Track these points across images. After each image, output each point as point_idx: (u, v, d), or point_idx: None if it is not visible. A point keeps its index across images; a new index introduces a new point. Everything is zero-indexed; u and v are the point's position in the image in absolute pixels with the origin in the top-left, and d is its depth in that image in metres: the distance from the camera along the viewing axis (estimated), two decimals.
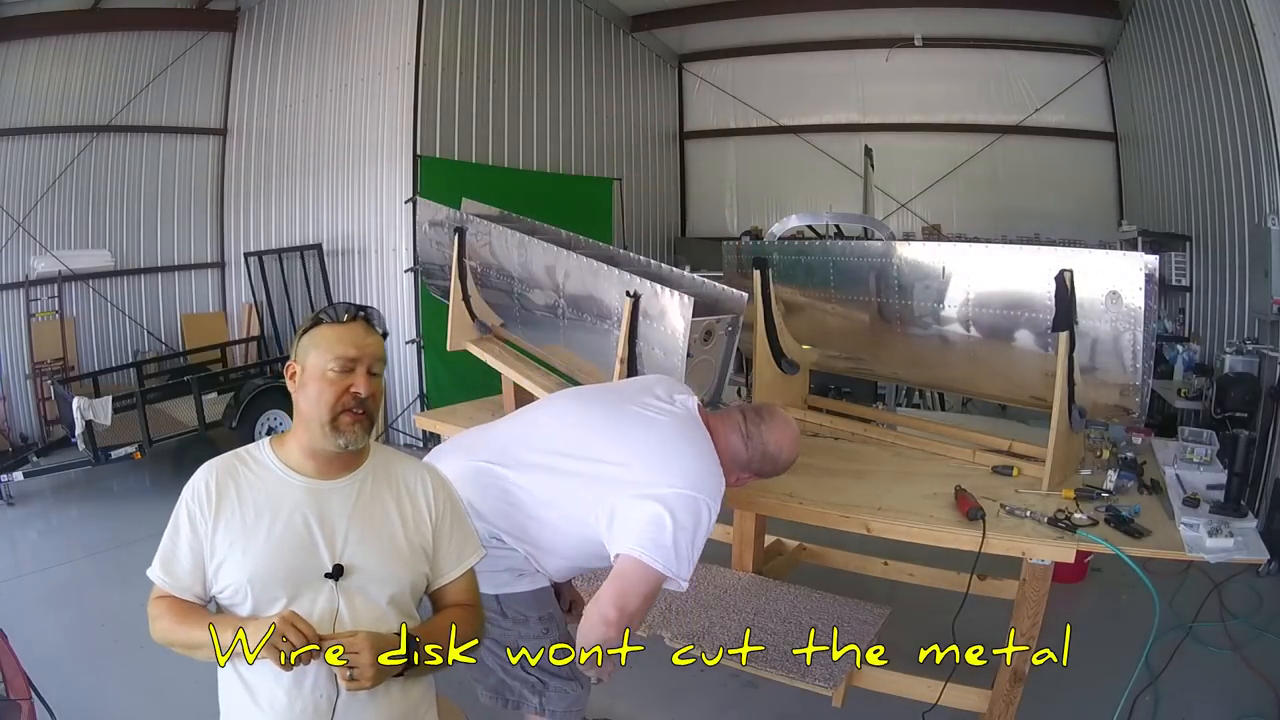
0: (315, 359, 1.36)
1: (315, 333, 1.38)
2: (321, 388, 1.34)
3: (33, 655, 2.33)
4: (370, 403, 1.37)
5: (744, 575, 3.17)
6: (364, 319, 1.40)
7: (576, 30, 8.25)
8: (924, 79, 9.02)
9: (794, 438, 2.03)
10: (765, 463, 2.00)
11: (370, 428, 1.38)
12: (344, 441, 1.34)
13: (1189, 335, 5.76)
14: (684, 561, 1.72)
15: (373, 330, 1.41)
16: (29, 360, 6.46)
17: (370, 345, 1.38)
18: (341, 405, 1.33)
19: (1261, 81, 4.37)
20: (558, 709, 1.96)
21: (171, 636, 1.31)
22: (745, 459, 1.98)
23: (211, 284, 7.88)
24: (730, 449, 1.96)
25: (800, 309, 3.25)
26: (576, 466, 1.84)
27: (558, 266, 3.08)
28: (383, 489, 1.42)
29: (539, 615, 1.94)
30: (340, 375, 1.34)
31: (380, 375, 1.40)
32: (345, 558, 1.33)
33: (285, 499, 1.35)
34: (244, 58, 7.67)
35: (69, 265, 6.67)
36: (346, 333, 1.37)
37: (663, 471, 1.77)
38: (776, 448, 1.99)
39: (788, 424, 2.03)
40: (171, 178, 7.51)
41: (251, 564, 1.30)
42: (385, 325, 1.45)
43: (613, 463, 1.81)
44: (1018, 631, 2.19)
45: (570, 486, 1.83)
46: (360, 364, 1.35)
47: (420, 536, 1.42)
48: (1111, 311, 2.22)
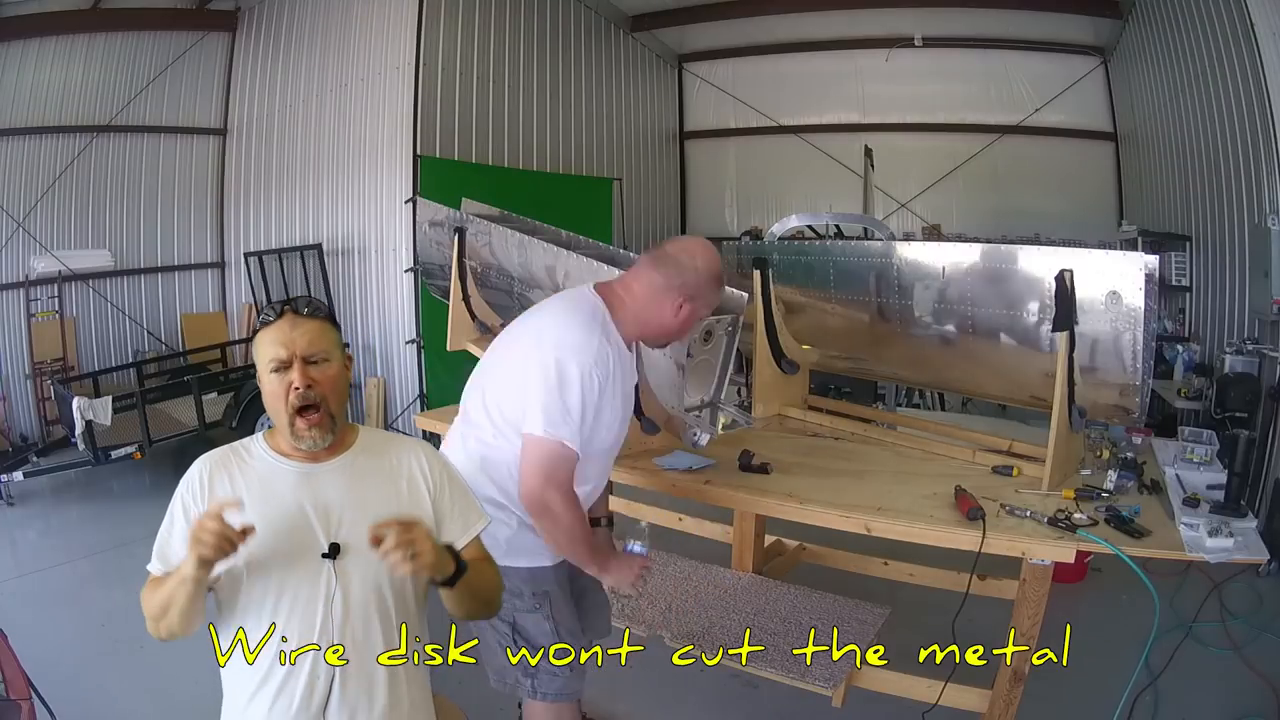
0: (259, 363, 1.35)
1: (256, 339, 1.37)
2: (268, 390, 1.34)
3: (33, 655, 2.33)
4: (316, 392, 1.32)
5: (744, 575, 3.17)
6: (290, 311, 1.35)
7: (576, 30, 8.25)
8: (924, 79, 9.02)
9: (704, 246, 1.98)
10: (683, 274, 1.92)
11: (331, 424, 1.34)
12: (305, 445, 1.34)
13: (1189, 335, 5.76)
14: (558, 421, 1.78)
15: (303, 319, 1.34)
16: (29, 360, 6.46)
17: (300, 336, 1.33)
18: (290, 407, 1.32)
19: (1261, 81, 4.37)
20: (549, 692, 1.99)
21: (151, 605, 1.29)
22: (661, 282, 1.92)
23: (211, 284, 7.88)
24: (640, 289, 1.95)
25: (800, 309, 3.25)
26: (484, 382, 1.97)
27: (558, 266, 3.09)
28: (376, 467, 1.40)
29: (533, 591, 1.96)
30: (278, 375, 1.32)
31: (328, 359, 1.35)
32: (340, 536, 1.33)
33: (278, 483, 1.35)
34: (244, 58, 7.66)
35: (69, 265, 6.67)
36: (274, 331, 1.34)
37: (527, 347, 1.88)
38: (688, 257, 1.93)
39: (692, 239, 2.04)
40: (171, 178, 7.50)
41: (247, 548, 1.28)
42: (324, 309, 1.39)
43: (497, 357, 1.96)
44: (1018, 631, 2.19)
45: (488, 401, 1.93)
46: (293, 359, 1.32)
47: (420, 512, 1.39)
48: (1111, 311, 2.22)
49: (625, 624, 2.84)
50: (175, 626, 1.27)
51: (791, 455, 2.75)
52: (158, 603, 1.27)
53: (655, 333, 2.01)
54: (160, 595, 1.27)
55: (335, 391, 1.36)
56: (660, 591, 3.02)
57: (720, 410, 2.85)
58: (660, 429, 2.71)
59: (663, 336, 2.03)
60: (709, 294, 1.99)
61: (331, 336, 1.38)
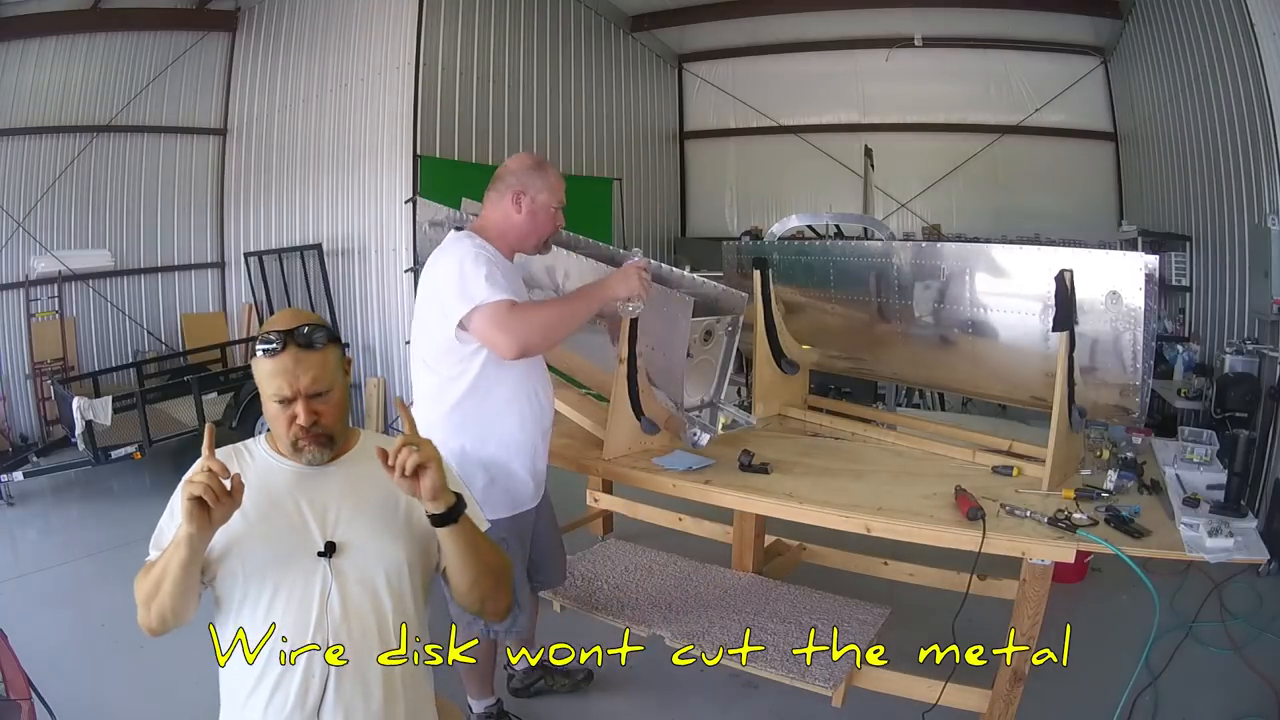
0: (261, 389, 1.36)
1: (255, 363, 1.35)
2: (270, 415, 1.36)
3: (33, 655, 2.33)
4: (322, 423, 1.35)
5: (744, 575, 3.17)
6: (293, 345, 1.32)
7: (576, 30, 8.24)
8: (924, 79, 9.02)
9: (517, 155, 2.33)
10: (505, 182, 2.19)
11: (330, 442, 1.38)
12: (306, 459, 1.37)
13: (1189, 335, 5.75)
14: (485, 289, 1.99)
15: (305, 354, 1.33)
16: (29, 360, 6.45)
17: (304, 374, 1.32)
18: (293, 434, 1.35)
19: (1261, 81, 4.36)
20: (499, 629, 2.18)
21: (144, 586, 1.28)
22: (494, 198, 2.20)
23: (211, 284, 7.87)
24: (487, 217, 2.22)
25: (800, 309, 3.25)
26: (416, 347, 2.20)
27: (558, 266, 3.09)
28: (374, 468, 1.39)
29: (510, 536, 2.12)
30: (281, 407, 1.34)
31: (329, 391, 1.36)
32: (337, 536, 1.34)
33: (276, 483, 1.37)
34: (244, 58, 7.65)
35: (69, 265, 6.66)
36: (276, 366, 1.32)
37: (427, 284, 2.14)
38: (502, 169, 2.23)
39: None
40: (171, 178, 7.49)
41: (242, 544, 1.30)
42: (325, 335, 1.36)
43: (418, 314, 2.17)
44: (1018, 631, 2.19)
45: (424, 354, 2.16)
46: (298, 397, 1.33)
47: (417, 511, 1.39)
48: (1111, 311, 2.22)
49: (625, 624, 2.84)
50: (167, 608, 1.26)
51: (791, 455, 2.75)
52: (150, 581, 1.27)
53: (517, 234, 2.21)
54: (153, 573, 1.27)
55: (338, 417, 1.39)
56: (660, 591, 3.02)
57: (720, 410, 2.85)
58: (660, 429, 2.72)
59: (530, 236, 2.23)
60: (533, 178, 2.20)
61: (334, 364, 1.37)
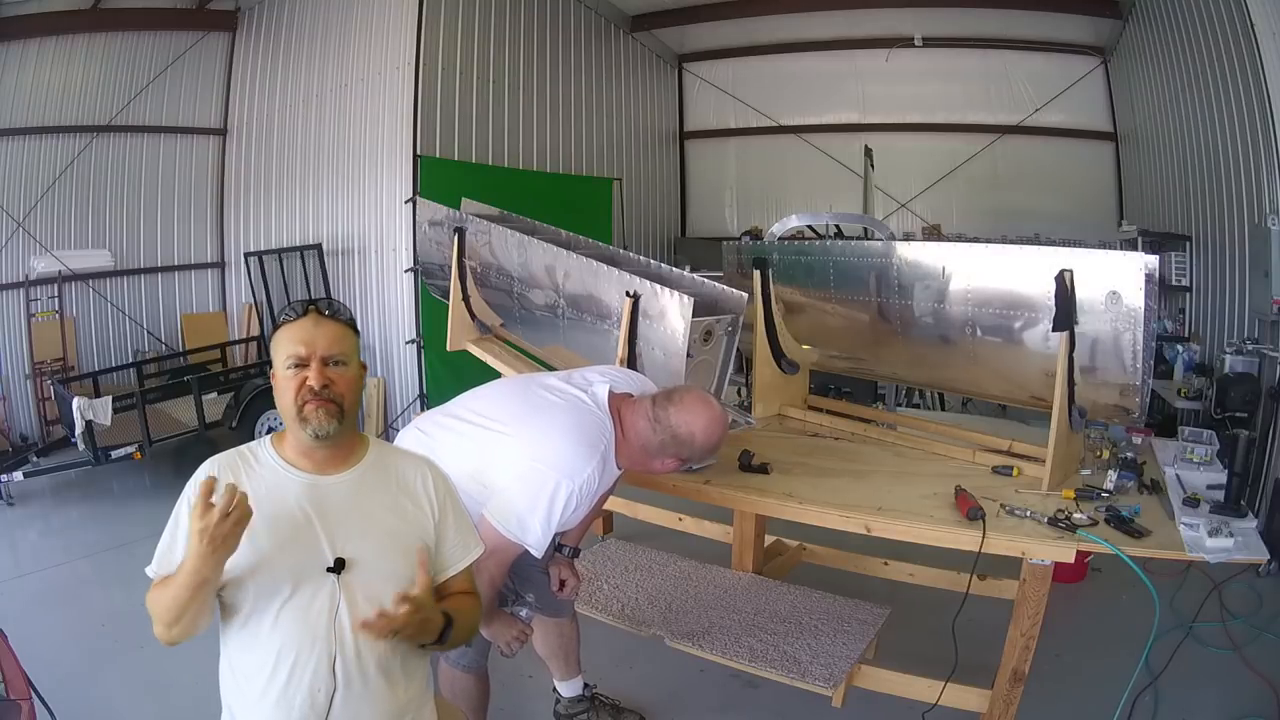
0: (276, 359, 1.37)
1: (275, 335, 1.39)
2: (282, 386, 1.35)
3: (33, 655, 2.32)
4: (333, 390, 1.34)
5: (744, 575, 3.17)
6: (314, 311, 1.37)
7: (576, 30, 8.24)
8: (924, 79, 9.02)
9: (709, 421, 2.00)
10: (679, 446, 2.01)
11: (340, 414, 1.35)
12: (311, 430, 1.34)
13: (1189, 335, 5.75)
14: (530, 530, 1.84)
15: (326, 319, 1.37)
16: (29, 360, 6.45)
17: (321, 337, 1.35)
18: (301, 398, 1.33)
19: (1261, 81, 4.36)
20: (452, 657, 2.14)
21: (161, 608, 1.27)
22: (657, 443, 2.01)
23: (211, 284, 7.87)
24: (639, 435, 2.03)
25: (800, 309, 3.25)
26: (470, 422, 2.04)
27: (558, 266, 3.09)
28: (382, 483, 1.41)
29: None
30: (295, 371, 1.34)
31: (346, 363, 1.36)
32: (347, 552, 1.33)
33: (286, 494, 1.35)
34: (244, 58, 7.65)
35: (69, 265, 6.66)
36: (296, 329, 1.35)
37: (531, 445, 1.92)
38: (687, 431, 1.99)
39: (701, 407, 2.01)
40: (171, 178, 7.49)
41: (252, 557, 1.29)
42: (347, 312, 1.41)
43: (499, 427, 1.98)
44: (1018, 631, 2.19)
45: (459, 436, 2.01)
46: (312, 357, 1.34)
47: (422, 531, 1.41)
48: (1111, 311, 2.22)
49: (625, 624, 2.84)
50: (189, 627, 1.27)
51: (791, 455, 2.75)
52: (168, 605, 1.26)
53: (641, 472, 2.18)
54: (168, 596, 1.25)
55: (350, 393, 1.37)
56: (660, 591, 3.02)
57: None
58: None
59: (647, 474, 2.27)
60: (699, 459, 2.13)
61: (352, 341, 1.40)
